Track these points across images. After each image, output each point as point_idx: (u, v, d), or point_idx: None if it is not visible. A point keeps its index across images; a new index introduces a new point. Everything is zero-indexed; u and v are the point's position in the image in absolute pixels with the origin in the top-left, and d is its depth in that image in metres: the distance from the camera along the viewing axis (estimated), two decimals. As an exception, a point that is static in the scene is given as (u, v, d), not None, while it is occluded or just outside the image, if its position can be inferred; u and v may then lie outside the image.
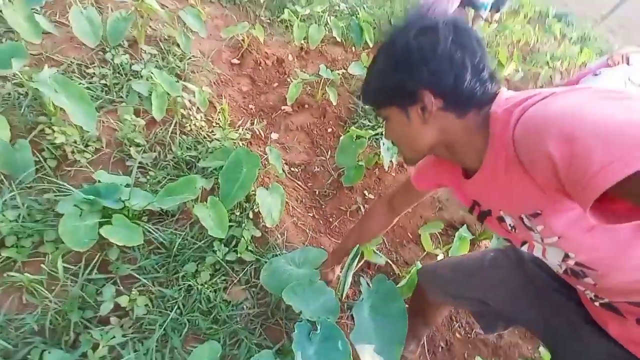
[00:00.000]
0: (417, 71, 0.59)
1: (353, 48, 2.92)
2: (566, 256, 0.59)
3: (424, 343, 1.42)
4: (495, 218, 0.68)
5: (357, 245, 1.16)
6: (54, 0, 1.76)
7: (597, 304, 0.65)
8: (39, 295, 1.02)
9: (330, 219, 1.75)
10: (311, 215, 1.72)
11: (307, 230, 1.59)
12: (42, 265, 1.04)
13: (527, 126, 0.49)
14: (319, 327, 0.86)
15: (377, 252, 1.50)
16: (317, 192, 1.84)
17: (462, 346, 1.46)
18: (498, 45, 3.97)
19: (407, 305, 1.25)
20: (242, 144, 1.72)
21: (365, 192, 1.89)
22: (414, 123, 0.64)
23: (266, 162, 1.66)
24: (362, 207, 1.82)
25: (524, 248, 0.67)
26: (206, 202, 1.20)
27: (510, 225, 0.65)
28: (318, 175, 1.92)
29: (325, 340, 0.86)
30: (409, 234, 1.82)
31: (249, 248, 1.33)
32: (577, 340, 0.72)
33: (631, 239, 0.50)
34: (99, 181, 1.14)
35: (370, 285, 1.03)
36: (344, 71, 2.50)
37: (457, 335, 1.51)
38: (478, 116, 0.60)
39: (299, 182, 1.86)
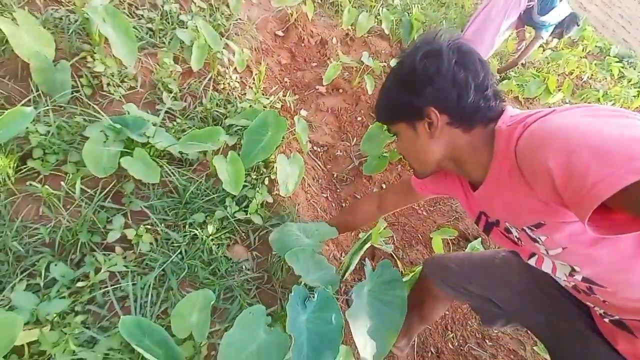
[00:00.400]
0: (423, 90, 0.63)
1: (399, 44, 2.85)
2: (572, 270, 0.60)
3: (414, 345, 1.38)
4: (502, 229, 0.70)
5: (370, 232, 1.14)
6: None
7: (606, 320, 0.66)
8: (54, 210, 1.05)
9: (343, 204, 1.72)
10: (325, 196, 1.70)
11: (318, 209, 1.58)
12: (61, 182, 1.07)
13: (529, 141, 0.51)
14: (316, 295, 0.84)
15: (385, 243, 1.47)
16: (335, 175, 1.82)
17: (452, 357, 1.42)
18: (548, 72, 3.81)
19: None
20: (271, 112, 1.72)
21: (384, 185, 1.85)
22: (422, 138, 0.68)
23: (290, 135, 1.65)
24: (377, 200, 1.78)
25: (532, 261, 0.68)
26: (226, 156, 1.20)
27: (516, 236, 0.67)
28: (339, 159, 1.89)
29: (319, 310, 0.84)
30: (420, 236, 1.78)
31: (259, 212, 1.33)
32: (584, 349, 0.71)
33: (635, 252, 0.50)
34: (128, 113, 1.15)
35: (375, 269, 1.00)
36: (386, 64, 2.45)
37: (450, 345, 1.46)
38: (484, 132, 0.63)
39: (319, 162, 1.85)
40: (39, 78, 1.17)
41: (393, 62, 2.28)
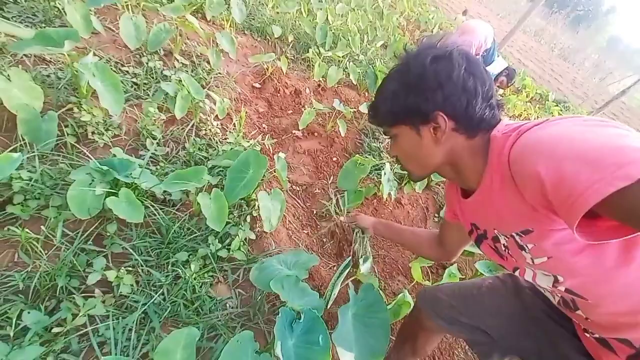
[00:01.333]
0: (432, 94, 0.63)
1: (366, 93, 3.15)
2: (556, 280, 0.61)
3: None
4: (490, 239, 0.71)
5: (349, 258, 1.18)
6: (108, 8, 1.97)
7: (588, 336, 0.67)
8: (32, 255, 1.03)
9: (324, 239, 1.76)
10: (306, 232, 1.75)
11: (300, 245, 1.61)
12: (41, 226, 1.07)
13: (522, 149, 0.53)
14: (302, 317, 0.85)
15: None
16: (314, 212, 1.88)
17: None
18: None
19: (398, 330, 1.24)
20: (251, 154, 1.81)
21: (362, 218, 1.93)
22: (426, 142, 0.68)
23: (270, 175, 1.74)
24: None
25: (516, 274, 0.70)
26: (210, 194, 1.25)
27: (504, 245, 0.68)
28: (317, 197, 1.97)
29: (307, 332, 0.85)
30: (400, 267, 1.83)
31: (242, 248, 1.35)
32: None
33: (618, 264, 0.52)
34: (114, 155, 1.20)
35: (358, 292, 1.04)
36: (355, 110, 2.68)
37: (439, 376, 1.45)
38: (483, 139, 0.64)
39: (299, 201, 1.91)
40: (24, 128, 1.21)
41: (363, 107, 2.50)
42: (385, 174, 1.86)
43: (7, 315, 0.92)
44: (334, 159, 2.30)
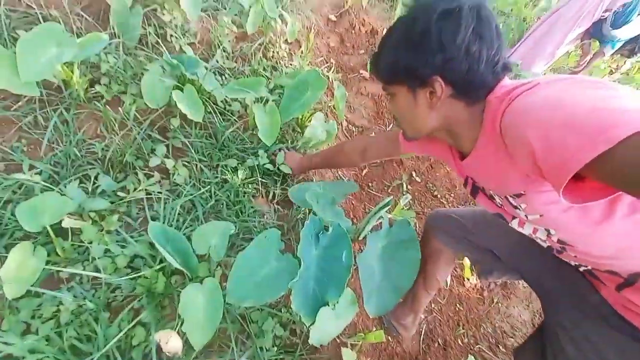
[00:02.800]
0: (432, 56, 0.59)
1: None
2: (549, 233, 0.65)
3: (421, 333, 1.35)
4: (487, 195, 0.74)
5: (390, 199, 1.14)
6: None
7: (581, 269, 0.72)
8: (110, 131, 1.17)
9: (370, 184, 1.72)
10: (353, 172, 1.72)
11: (344, 178, 1.60)
12: (119, 108, 1.19)
13: (512, 115, 0.53)
14: (330, 229, 0.86)
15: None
16: (366, 155, 1.83)
17: (460, 353, 1.36)
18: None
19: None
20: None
21: (413, 173, 1.83)
22: (421, 106, 0.65)
23: (327, 107, 1.69)
24: (404, 185, 1.77)
25: (514, 223, 0.72)
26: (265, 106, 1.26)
27: (499, 203, 0.71)
28: (373, 141, 1.90)
29: (331, 246, 0.86)
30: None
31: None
32: (576, 296, 0.74)
33: (601, 219, 0.55)
34: (185, 53, 1.26)
35: (392, 225, 1.00)
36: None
37: (459, 341, 1.40)
38: (481, 105, 0.61)
39: (352, 141, 1.87)
40: (115, 18, 1.31)
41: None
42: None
43: (87, 174, 1.08)
44: (398, 108, 2.16)
